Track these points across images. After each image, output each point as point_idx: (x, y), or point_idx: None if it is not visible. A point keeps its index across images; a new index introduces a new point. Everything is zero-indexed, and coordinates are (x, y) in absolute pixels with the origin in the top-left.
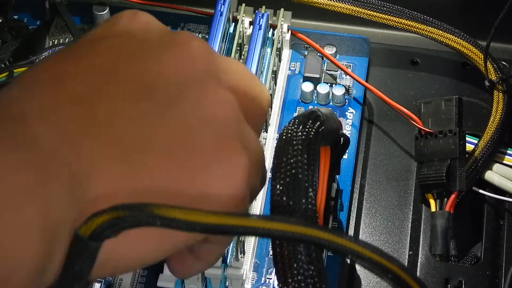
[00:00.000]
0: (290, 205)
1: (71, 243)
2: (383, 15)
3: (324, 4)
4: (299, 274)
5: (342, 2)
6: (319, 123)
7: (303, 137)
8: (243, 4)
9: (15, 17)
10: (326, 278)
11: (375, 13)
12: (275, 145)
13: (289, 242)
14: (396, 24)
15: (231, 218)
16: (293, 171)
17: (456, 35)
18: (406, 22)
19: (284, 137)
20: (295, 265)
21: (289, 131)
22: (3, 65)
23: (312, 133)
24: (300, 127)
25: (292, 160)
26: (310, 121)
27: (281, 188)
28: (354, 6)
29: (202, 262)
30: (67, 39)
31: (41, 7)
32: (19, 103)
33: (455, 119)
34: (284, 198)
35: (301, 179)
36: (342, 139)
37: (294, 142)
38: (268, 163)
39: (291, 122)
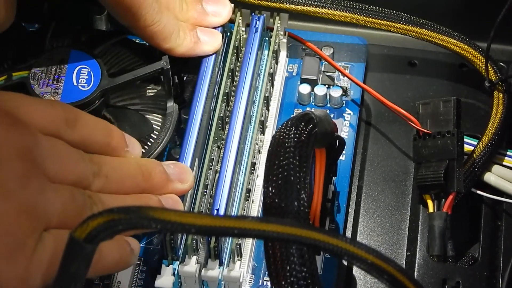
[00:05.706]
0: (282, 207)
1: (67, 245)
2: (382, 21)
3: (323, 13)
4: (292, 276)
5: (341, 11)
6: (311, 125)
7: (295, 139)
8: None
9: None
10: (319, 280)
11: (374, 19)
12: None
13: (283, 244)
14: (396, 30)
15: (226, 220)
16: (285, 173)
17: (455, 37)
18: (404, 27)
19: (276, 139)
20: (287, 267)
21: (282, 133)
22: (2, 68)
23: (304, 135)
24: (293, 130)
25: (284, 163)
26: (303, 124)
27: (273, 190)
28: (353, 14)
29: None
30: (65, 42)
31: (40, 10)
32: None
33: (453, 120)
34: (276, 200)
35: (293, 181)
36: (337, 141)
37: (286, 145)
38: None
39: (284, 125)
